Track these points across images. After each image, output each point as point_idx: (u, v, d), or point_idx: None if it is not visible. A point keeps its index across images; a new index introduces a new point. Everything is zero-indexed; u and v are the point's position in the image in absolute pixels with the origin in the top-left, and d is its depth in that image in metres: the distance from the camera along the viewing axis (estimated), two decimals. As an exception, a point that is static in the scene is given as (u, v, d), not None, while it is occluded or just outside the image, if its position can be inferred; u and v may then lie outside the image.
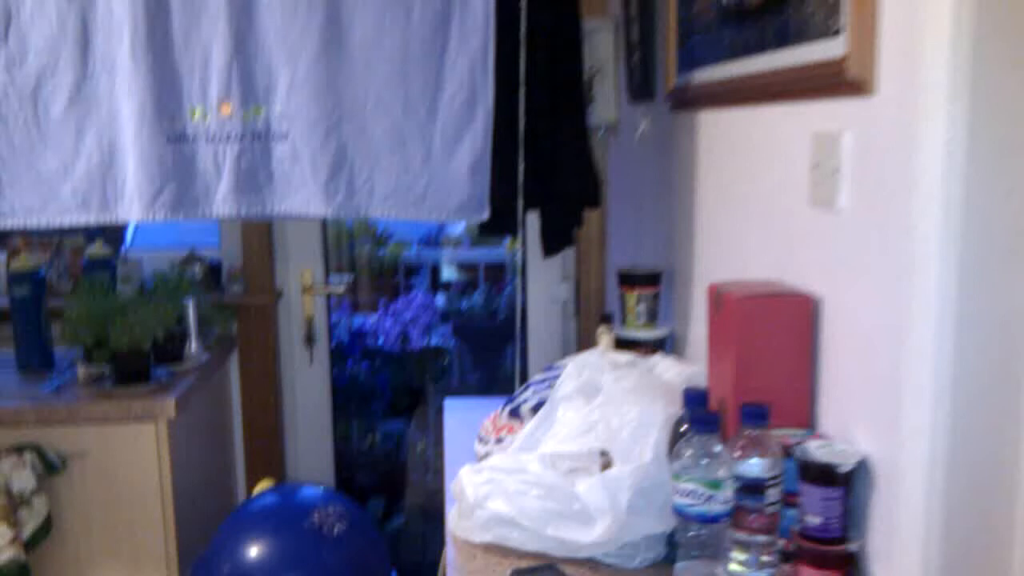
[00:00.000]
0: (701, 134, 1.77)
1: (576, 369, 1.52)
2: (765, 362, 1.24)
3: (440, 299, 3.85)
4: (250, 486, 2.69)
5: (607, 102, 2.50)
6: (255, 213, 1.80)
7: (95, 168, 1.76)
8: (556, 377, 1.57)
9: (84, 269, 2.65)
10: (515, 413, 1.62)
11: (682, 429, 1.25)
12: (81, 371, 2.28)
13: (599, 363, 1.53)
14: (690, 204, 1.82)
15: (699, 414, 1.20)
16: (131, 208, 1.77)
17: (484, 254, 3.82)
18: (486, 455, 1.53)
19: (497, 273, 3.68)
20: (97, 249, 2.60)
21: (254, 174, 1.78)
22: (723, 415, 1.26)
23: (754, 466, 1.11)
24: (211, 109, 1.74)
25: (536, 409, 1.55)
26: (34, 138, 1.74)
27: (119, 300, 2.35)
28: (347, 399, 3.21)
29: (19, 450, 2.04)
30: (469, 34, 1.76)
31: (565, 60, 2.10)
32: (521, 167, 1.91)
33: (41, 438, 2.08)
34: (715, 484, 1.13)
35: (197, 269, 2.78)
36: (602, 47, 2.49)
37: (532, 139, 1.92)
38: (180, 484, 2.18)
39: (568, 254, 2.75)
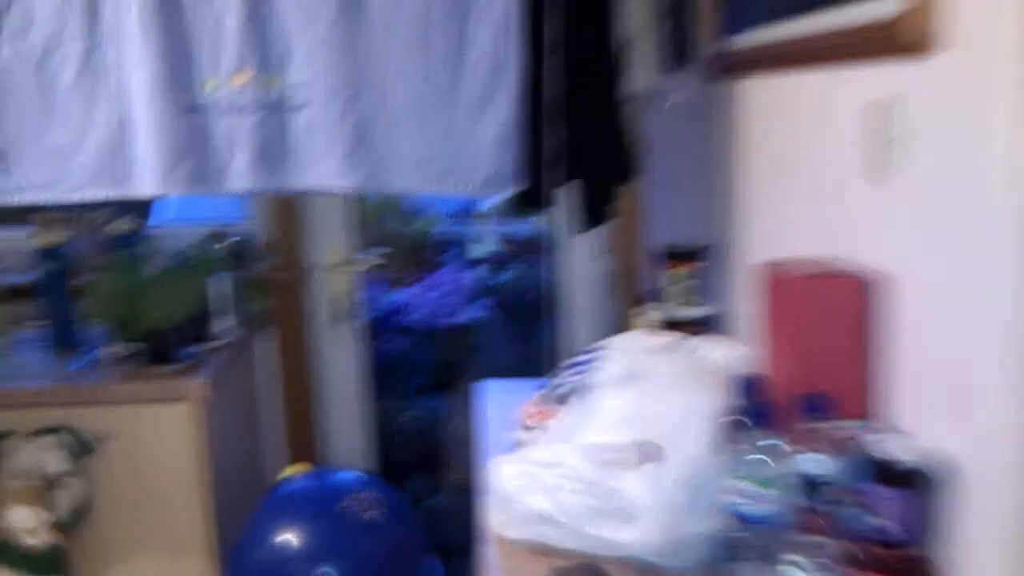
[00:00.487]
0: (745, 102, 1.67)
1: (615, 352, 1.43)
2: (824, 348, 1.15)
3: (475, 274, 3.77)
4: (285, 467, 2.65)
5: (642, 70, 2.38)
6: (272, 187, 1.74)
7: (106, 142, 1.69)
8: (595, 360, 1.49)
9: (109, 245, 2.60)
10: (552, 398, 1.55)
11: (732, 420, 1.17)
12: (110, 350, 2.23)
13: (640, 345, 1.45)
14: (734, 177, 1.72)
15: (752, 404, 1.11)
16: (145, 183, 1.71)
17: (520, 227, 3.73)
18: (523, 444, 1.46)
19: (533, 247, 3.60)
20: (122, 224, 2.55)
21: (270, 147, 1.70)
22: (778, 405, 1.17)
23: (814, 462, 1.02)
24: (225, 79, 1.67)
25: (573, 394, 1.47)
26: (42, 111, 1.68)
27: (146, 277, 2.30)
28: (383, 376, 3.17)
29: (52, 431, 2.02)
30: None
31: (596, 25, 1.99)
32: (548, 139, 1.81)
33: (70, 419, 2.04)
34: (769, 482, 1.04)
35: (224, 245, 2.72)
36: (636, 12, 2.37)
37: (561, 110, 1.83)
38: (214, 466, 2.14)
39: (604, 229, 2.65)
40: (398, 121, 1.70)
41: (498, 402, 1.78)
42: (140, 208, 2.82)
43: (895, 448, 1.01)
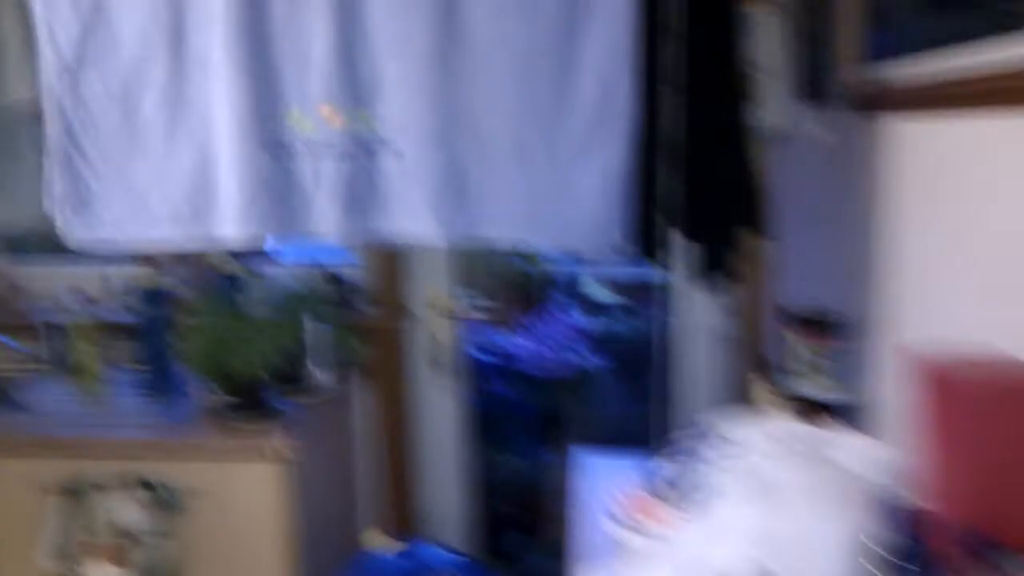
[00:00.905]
0: (898, 145, 1.43)
1: (737, 443, 1.22)
2: (1008, 475, 0.90)
3: (584, 319, 3.62)
4: (376, 526, 2.53)
5: (772, 103, 2.15)
6: (357, 233, 1.61)
7: (186, 177, 1.60)
8: (711, 447, 1.29)
9: (211, 286, 2.54)
10: (661, 487, 1.35)
11: (879, 556, 0.93)
12: (203, 399, 2.17)
13: (765, 436, 1.23)
14: (884, 234, 1.48)
15: (906, 541, 0.87)
16: (225, 223, 1.60)
17: (634, 272, 3.55)
18: (632, 548, 1.26)
19: (648, 294, 3.41)
20: (225, 263, 2.49)
21: (356, 189, 1.58)
22: (940, 542, 0.93)
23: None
24: (310, 112, 1.56)
25: (686, 490, 1.27)
26: (125, 142, 1.60)
27: (242, 322, 2.23)
28: (484, 425, 3.04)
29: (137, 485, 1.96)
30: (606, 23, 1.50)
31: (719, 52, 1.80)
32: (664, 183, 1.63)
33: (157, 472, 1.98)
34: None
35: (325, 287, 2.63)
36: (765, 36, 2.14)
37: (679, 148, 1.65)
38: (303, 527, 2.05)
39: (726, 283, 2.42)
40: (495, 164, 1.55)
41: (599, 473, 1.59)
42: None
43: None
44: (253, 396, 2.10)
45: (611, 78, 1.50)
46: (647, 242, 1.64)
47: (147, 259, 2.68)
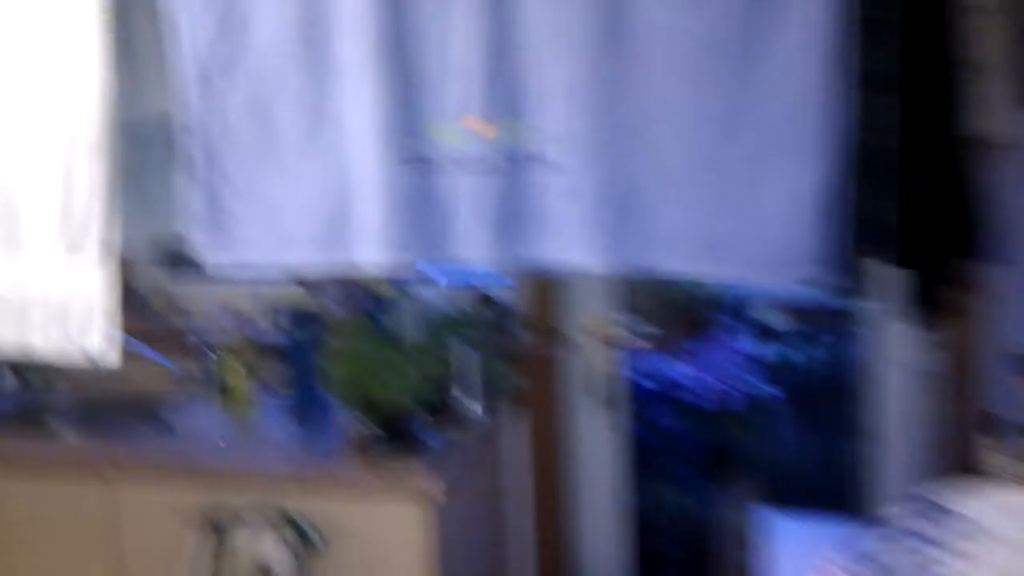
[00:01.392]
0: None
1: (963, 524, 0.99)
2: None
3: (754, 346, 3.45)
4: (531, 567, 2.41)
5: (993, 109, 1.87)
6: (506, 258, 1.50)
7: (323, 195, 1.54)
8: (926, 514, 1.06)
9: (359, 307, 2.47)
10: (863, 567, 1.14)
11: None
12: (346, 428, 2.10)
13: (999, 513, 0.99)
14: None
15: None
16: (362, 247, 1.52)
17: (811, 295, 3.34)
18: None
19: (832, 320, 3.16)
20: (376, 283, 2.40)
21: (506, 209, 1.46)
22: None
23: None
24: (455, 123, 1.45)
25: (892, 563, 1.05)
26: (258, 158, 1.54)
27: (387, 346, 2.15)
28: (644, 459, 2.89)
29: (276, 520, 1.91)
30: (802, 13, 1.30)
31: (935, 51, 1.54)
32: (869, 203, 1.40)
33: (297, 505, 1.93)
34: None
35: (476, 310, 2.51)
36: (985, 31, 1.88)
37: (888, 163, 1.42)
38: (446, 573, 1.96)
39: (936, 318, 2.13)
40: (668, 180, 1.39)
41: (787, 536, 1.36)
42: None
43: None
44: (398, 427, 2.03)
45: (806, 79, 1.31)
46: (846, 273, 1.40)
47: (300, 279, 2.66)
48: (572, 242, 1.42)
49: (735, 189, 1.35)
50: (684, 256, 1.38)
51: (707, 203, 1.35)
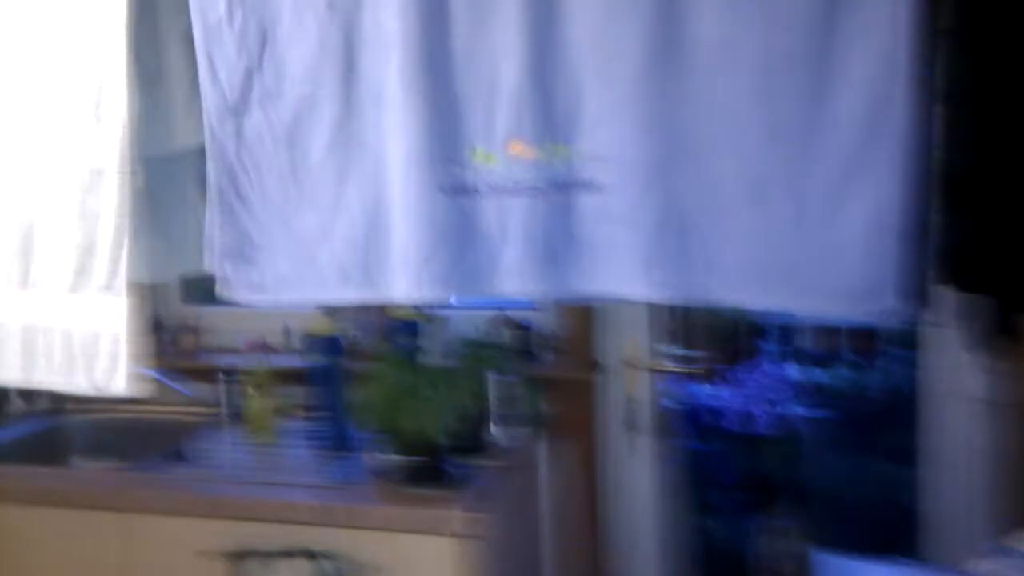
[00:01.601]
0: None
1: None
2: None
3: (798, 371, 3.42)
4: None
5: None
6: (552, 291, 1.41)
7: (357, 229, 1.46)
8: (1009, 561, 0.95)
9: (387, 333, 2.41)
10: None
11: None
12: (375, 459, 2.03)
13: None
14: None
15: None
16: (397, 283, 1.45)
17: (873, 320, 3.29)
18: None
19: (867, 341, 3.07)
20: (405, 309, 2.33)
21: (551, 240, 1.38)
22: None
23: None
24: (501, 149, 1.37)
25: None
26: (290, 190, 1.47)
27: (417, 374, 2.08)
28: (690, 488, 2.86)
29: (300, 555, 1.85)
30: (877, 23, 1.20)
31: (1017, 64, 1.44)
32: (946, 229, 1.30)
33: (319, 540, 1.85)
34: None
35: (509, 335, 2.44)
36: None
37: (970, 185, 1.32)
38: None
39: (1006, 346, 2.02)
40: (728, 206, 1.30)
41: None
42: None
43: None
44: (429, 458, 1.95)
45: (882, 95, 1.20)
46: (924, 302, 1.29)
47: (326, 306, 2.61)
48: (627, 273, 1.33)
49: (809, 214, 1.24)
50: (753, 288, 1.28)
51: (773, 230, 1.25)
